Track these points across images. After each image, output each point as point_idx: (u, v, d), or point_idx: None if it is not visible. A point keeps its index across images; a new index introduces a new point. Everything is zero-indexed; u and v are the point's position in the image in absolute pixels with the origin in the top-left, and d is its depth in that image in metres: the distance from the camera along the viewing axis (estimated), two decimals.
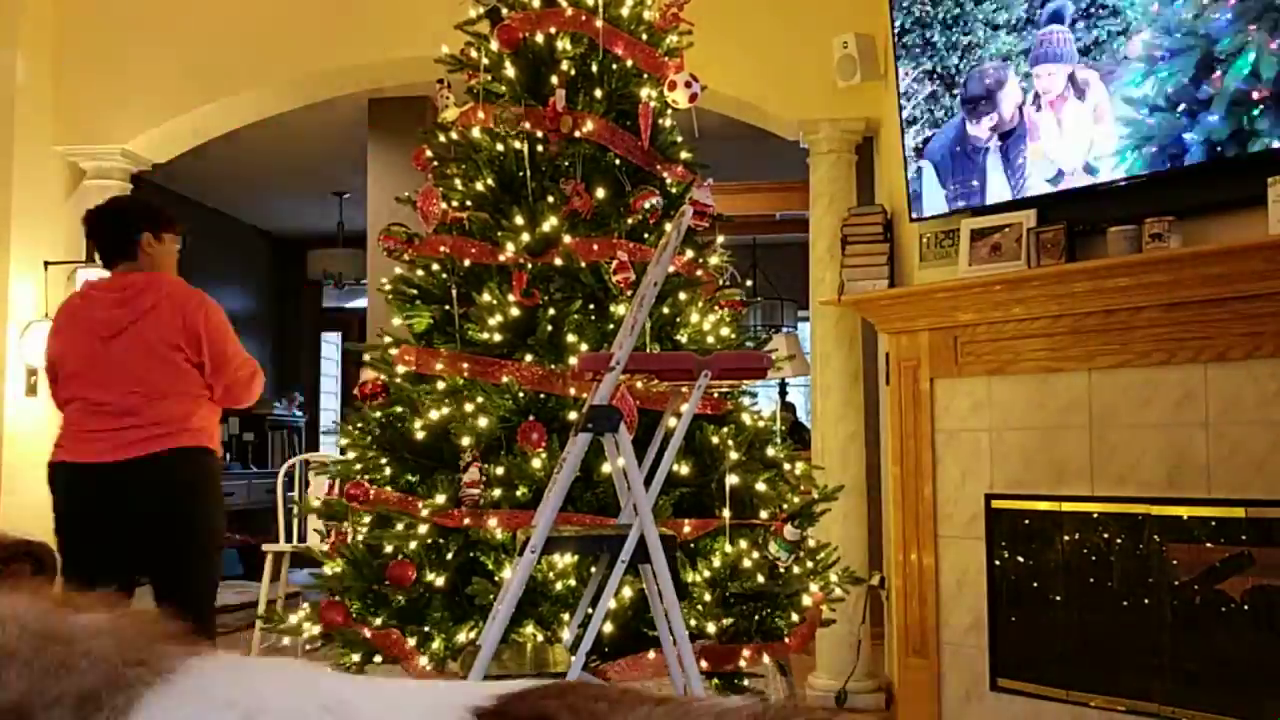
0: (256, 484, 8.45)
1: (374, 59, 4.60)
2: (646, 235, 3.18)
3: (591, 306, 3.12)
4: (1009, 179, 3.57)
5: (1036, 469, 3.51)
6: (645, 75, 3.31)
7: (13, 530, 3.79)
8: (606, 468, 2.87)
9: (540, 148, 3.21)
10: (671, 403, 2.60)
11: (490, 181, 3.21)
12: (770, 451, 3.16)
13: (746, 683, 3.04)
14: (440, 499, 2.92)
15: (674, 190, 3.30)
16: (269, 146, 7.18)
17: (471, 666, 2.17)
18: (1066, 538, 3.48)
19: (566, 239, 3.09)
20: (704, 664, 2.83)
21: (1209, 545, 3.17)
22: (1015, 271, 3.47)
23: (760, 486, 3.04)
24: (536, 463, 2.91)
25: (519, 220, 3.14)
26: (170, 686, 0.70)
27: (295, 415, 9.47)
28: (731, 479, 2.96)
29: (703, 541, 2.96)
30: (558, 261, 3.09)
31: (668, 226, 2.67)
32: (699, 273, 3.30)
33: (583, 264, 3.10)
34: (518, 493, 2.92)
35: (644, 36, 3.33)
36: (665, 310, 3.13)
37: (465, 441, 2.95)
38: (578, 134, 3.16)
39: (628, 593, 2.84)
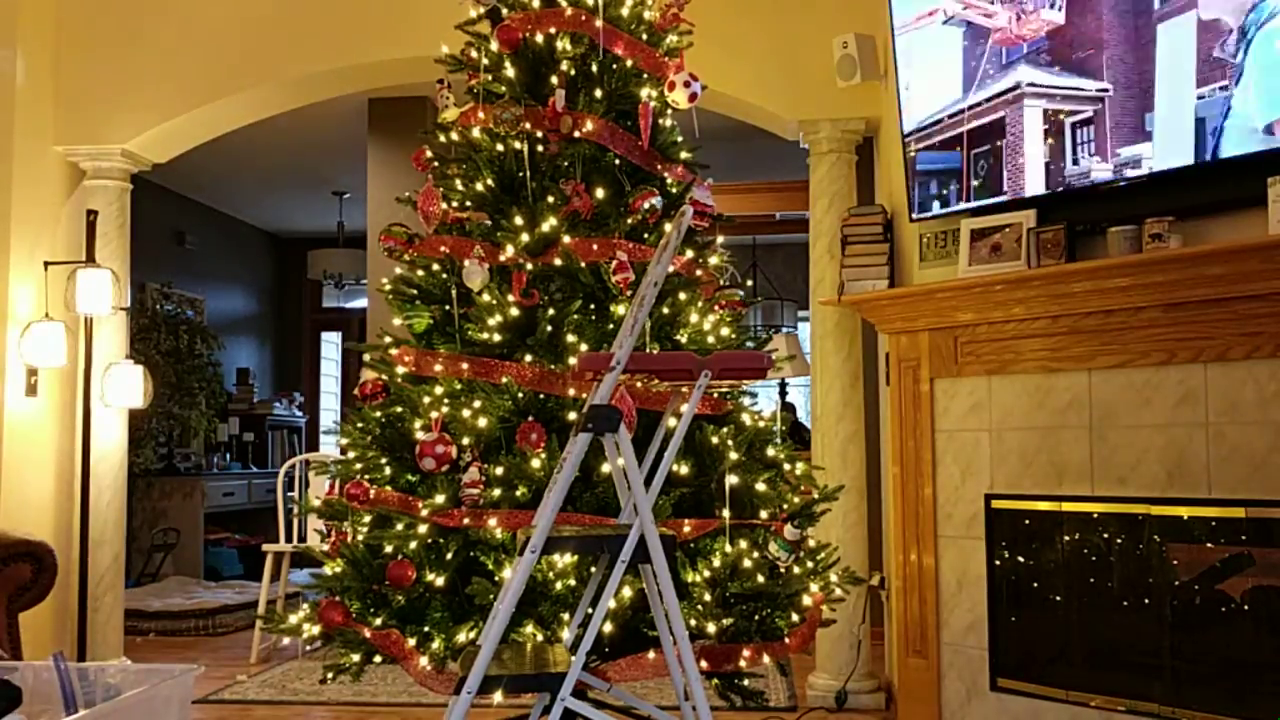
0: (257, 484, 8.46)
1: (374, 59, 4.60)
2: (646, 235, 3.18)
3: (591, 306, 3.12)
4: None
5: (1036, 469, 3.51)
6: (645, 75, 3.31)
7: (13, 530, 3.79)
8: (606, 468, 2.88)
9: (540, 148, 3.21)
10: (671, 403, 2.60)
11: (490, 182, 3.21)
12: (770, 451, 3.16)
13: (746, 683, 3.04)
14: (440, 499, 2.92)
15: (674, 190, 3.30)
16: (269, 146, 7.19)
17: (471, 666, 2.17)
18: (1066, 538, 3.48)
19: (566, 239, 3.09)
20: (704, 664, 2.83)
21: (1209, 545, 3.17)
22: (1015, 271, 3.47)
23: (760, 486, 3.04)
24: (536, 463, 2.91)
25: (519, 220, 3.14)
26: None
27: (295, 415, 9.48)
28: (731, 479, 2.96)
29: (703, 541, 2.96)
30: (557, 262, 3.09)
31: (667, 226, 2.67)
32: (699, 273, 3.30)
33: (582, 264, 3.10)
34: (517, 493, 2.92)
35: (644, 36, 3.33)
36: (665, 310, 3.13)
37: (465, 441, 2.95)
38: (577, 134, 3.16)
39: (628, 593, 2.84)
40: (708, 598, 2.87)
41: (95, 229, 4.57)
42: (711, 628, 2.84)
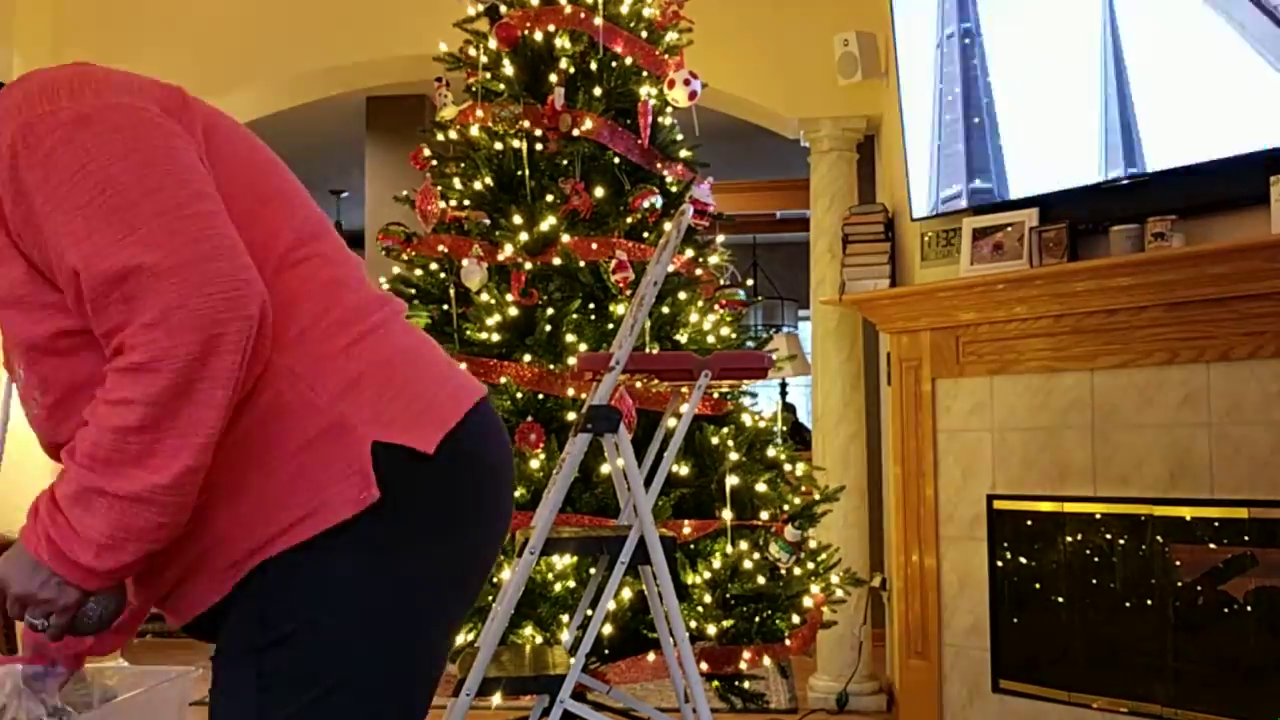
0: None
1: (372, 57, 4.59)
2: (646, 234, 3.17)
3: (590, 306, 3.10)
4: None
5: (1038, 469, 3.50)
6: (645, 73, 3.29)
7: (10, 531, 3.77)
8: (606, 468, 2.86)
9: (539, 146, 3.19)
10: (671, 403, 2.59)
11: (489, 180, 3.19)
12: (771, 452, 3.15)
13: (747, 685, 3.02)
14: None
15: (674, 189, 3.29)
16: (267, 145, 7.16)
17: (470, 668, 2.15)
18: (1069, 538, 3.47)
19: (565, 238, 3.08)
20: (704, 666, 2.81)
21: (1212, 546, 3.15)
22: (1017, 271, 3.45)
23: (761, 487, 3.02)
24: (535, 463, 2.90)
25: (517, 219, 3.12)
26: None
27: None
28: (732, 480, 2.95)
29: (703, 543, 2.95)
30: (556, 261, 3.07)
31: (667, 225, 2.66)
32: (699, 272, 3.28)
33: (581, 263, 3.09)
34: (516, 493, 2.90)
35: (643, 34, 3.31)
36: (665, 310, 3.11)
37: None
38: (577, 132, 3.14)
39: (627, 594, 2.82)
40: (708, 599, 2.85)
41: None
42: (712, 629, 2.82)
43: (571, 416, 2.96)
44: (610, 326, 3.07)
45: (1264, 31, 2.94)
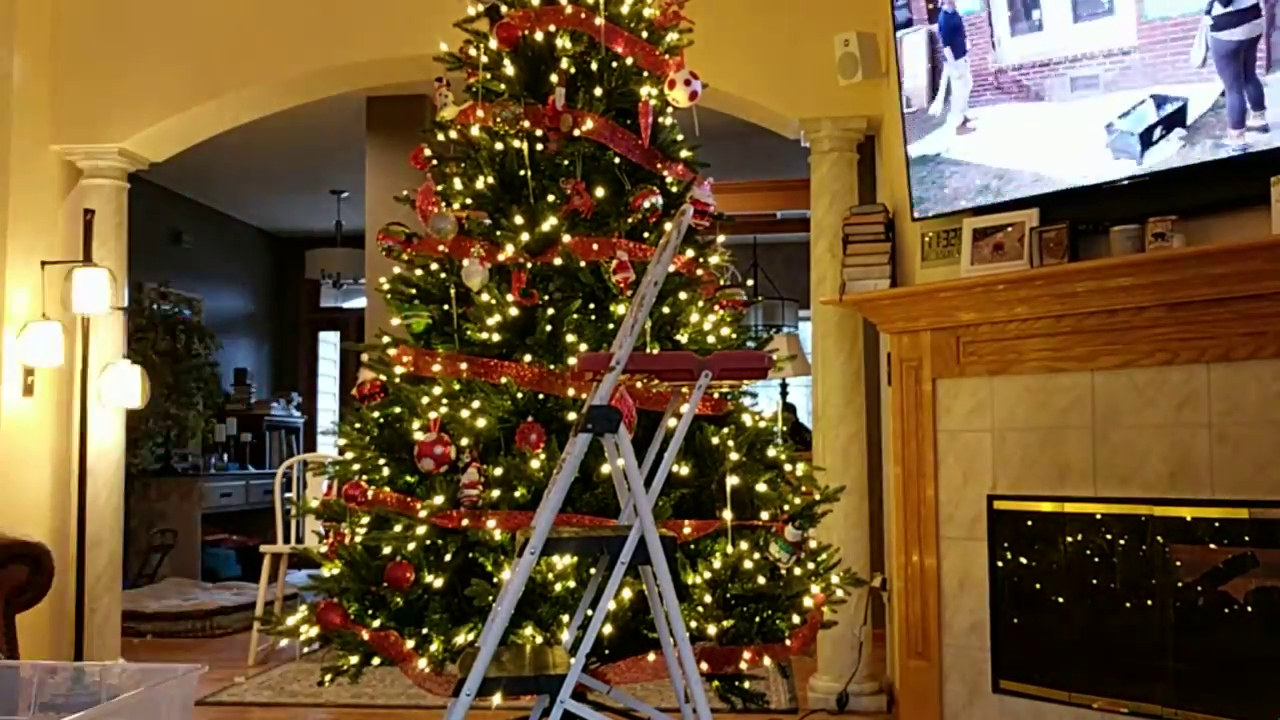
0: (254, 485, 8.43)
1: (372, 57, 4.59)
2: (646, 234, 3.16)
3: (591, 306, 3.10)
4: None
5: (1039, 470, 3.50)
6: (645, 73, 3.29)
7: (9, 531, 3.77)
8: (606, 468, 2.86)
9: (540, 146, 3.19)
10: (671, 403, 2.59)
11: (490, 180, 3.19)
12: (771, 452, 3.14)
13: (747, 685, 3.02)
14: (438, 500, 2.90)
15: (674, 189, 3.29)
16: (267, 145, 7.17)
17: (470, 668, 2.15)
18: (1069, 539, 3.47)
19: (566, 238, 3.08)
20: (704, 666, 2.81)
21: (1212, 546, 3.15)
22: (1018, 271, 3.46)
23: (761, 487, 3.02)
24: (535, 463, 2.90)
25: (518, 219, 3.12)
26: None
27: (293, 415, 9.45)
28: (732, 480, 2.95)
29: (703, 543, 2.95)
30: (557, 261, 3.07)
31: (668, 226, 2.66)
32: (699, 272, 3.28)
33: (582, 263, 3.08)
34: (516, 494, 2.90)
35: (644, 34, 3.31)
36: (665, 310, 3.11)
37: (464, 442, 2.93)
38: (577, 132, 3.14)
39: (627, 594, 2.82)
40: (708, 599, 2.85)
41: (92, 228, 4.55)
42: (712, 629, 2.82)
43: (572, 417, 2.96)
44: (611, 326, 3.07)
45: None
